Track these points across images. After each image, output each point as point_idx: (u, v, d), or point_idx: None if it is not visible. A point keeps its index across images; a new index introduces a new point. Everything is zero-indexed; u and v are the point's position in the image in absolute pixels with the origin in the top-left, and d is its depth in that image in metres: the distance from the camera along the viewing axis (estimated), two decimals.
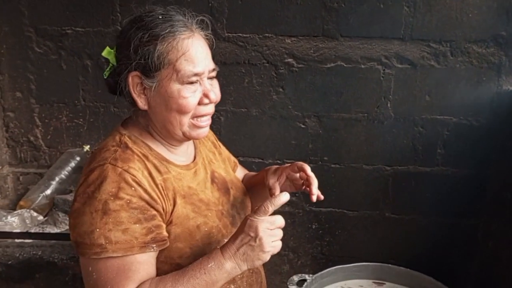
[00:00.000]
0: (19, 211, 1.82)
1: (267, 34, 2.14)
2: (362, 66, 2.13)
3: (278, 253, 2.43)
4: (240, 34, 2.15)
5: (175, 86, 1.01)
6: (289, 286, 1.88)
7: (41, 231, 1.77)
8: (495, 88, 2.09)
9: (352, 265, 2.11)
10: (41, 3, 2.20)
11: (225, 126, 2.25)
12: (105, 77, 1.10)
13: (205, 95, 1.04)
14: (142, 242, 0.95)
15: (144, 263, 0.97)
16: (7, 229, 1.69)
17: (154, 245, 0.98)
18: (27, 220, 1.79)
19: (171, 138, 1.08)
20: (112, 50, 1.08)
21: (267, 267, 2.37)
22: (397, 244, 2.31)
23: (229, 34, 2.15)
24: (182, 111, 1.02)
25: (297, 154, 2.26)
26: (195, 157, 1.17)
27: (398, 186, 2.25)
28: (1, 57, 2.27)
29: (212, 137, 1.35)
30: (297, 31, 2.12)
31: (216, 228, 1.09)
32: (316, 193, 1.18)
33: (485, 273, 2.17)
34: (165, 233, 1.00)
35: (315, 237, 2.37)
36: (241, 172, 1.47)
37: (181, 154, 1.13)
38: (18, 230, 1.70)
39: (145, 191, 0.98)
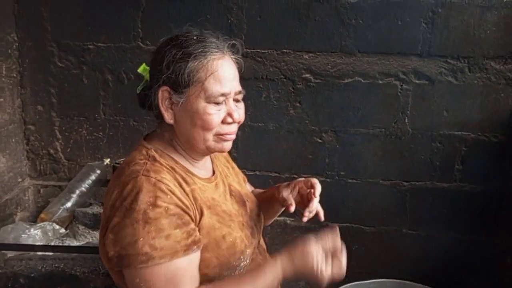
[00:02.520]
0: (42, 224, 1.84)
1: (285, 50, 2.16)
2: (380, 82, 2.15)
3: None
4: (259, 50, 2.18)
5: (202, 104, 1.04)
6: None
7: (61, 244, 1.80)
8: None
9: (369, 282, 2.12)
10: (64, 19, 2.25)
11: (243, 140, 2.27)
12: (138, 92, 1.14)
13: (229, 115, 1.08)
14: (184, 245, 0.98)
15: (188, 266, 0.99)
16: (30, 241, 1.71)
17: (195, 247, 1.00)
18: (49, 233, 1.81)
19: (194, 152, 1.12)
20: (147, 67, 1.12)
21: (283, 283, 2.38)
22: (414, 260, 2.30)
23: (248, 50, 2.17)
24: (205, 128, 1.05)
25: (313, 169, 2.27)
26: (214, 171, 1.21)
27: (416, 202, 2.25)
28: (24, 71, 2.32)
29: (225, 152, 1.38)
30: (314, 47, 2.15)
31: (240, 238, 1.12)
32: (307, 216, 1.21)
33: None
34: (200, 235, 1.03)
35: None
36: (249, 188, 1.48)
37: (202, 168, 1.16)
38: (40, 243, 1.72)
39: (179, 198, 1.01)
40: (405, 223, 2.28)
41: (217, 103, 1.06)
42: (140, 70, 1.13)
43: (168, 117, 1.07)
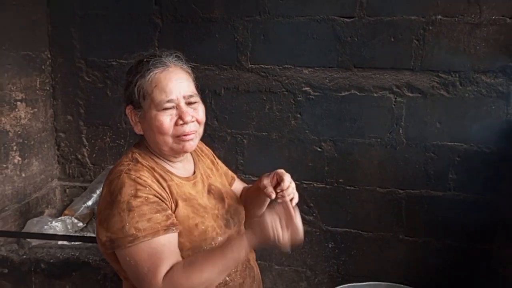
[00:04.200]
0: (63, 217, 2.09)
1: (286, 65, 2.34)
2: (375, 95, 2.28)
3: (296, 270, 2.59)
4: (262, 65, 2.36)
5: (153, 113, 1.20)
6: None
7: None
8: (505, 117, 2.17)
9: (364, 284, 2.22)
10: (91, 39, 2.52)
11: (248, 148, 2.45)
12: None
13: (180, 117, 1.21)
14: (164, 226, 1.14)
15: (168, 244, 1.15)
16: (51, 232, 1.95)
17: (174, 228, 1.17)
18: (68, 226, 2.04)
19: (164, 154, 1.28)
20: None
21: (286, 283, 2.52)
22: (410, 266, 2.38)
23: (252, 65, 2.37)
24: (161, 132, 1.21)
25: (313, 176, 2.42)
26: (194, 172, 1.37)
27: (411, 209, 2.34)
28: (56, 84, 2.61)
29: (211, 155, 1.56)
30: (313, 63, 2.31)
31: (212, 227, 1.27)
32: (280, 196, 1.29)
33: None
34: (177, 221, 1.19)
35: (331, 256, 2.49)
36: (239, 185, 1.64)
37: (181, 168, 1.33)
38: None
39: (156, 191, 1.18)
40: (401, 230, 2.37)
41: (167, 109, 1.20)
42: None
43: (137, 129, 1.27)
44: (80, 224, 2.10)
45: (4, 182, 2.27)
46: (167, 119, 1.20)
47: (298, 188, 2.56)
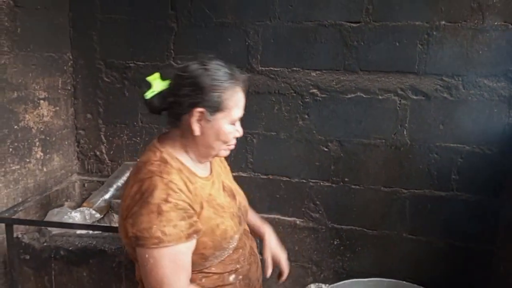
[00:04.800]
0: (81, 208, 2.22)
1: (295, 68, 2.43)
2: (380, 97, 2.36)
3: (303, 266, 2.68)
4: (272, 68, 2.47)
5: (226, 125, 1.31)
6: None
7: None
8: (506, 119, 2.23)
9: (367, 280, 2.29)
10: (110, 41, 2.66)
11: (257, 147, 2.55)
12: (146, 98, 1.35)
13: (237, 131, 1.36)
14: (187, 234, 1.21)
15: (187, 252, 1.23)
16: (70, 222, 2.08)
17: (195, 235, 1.24)
18: (87, 217, 2.17)
19: (205, 157, 1.37)
20: (156, 77, 1.38)
21: (292, 278, 2.61)
22: (413, 264, 2.44)
23: (262, 68, 2.47)
24: (225, 141, 1.33)
25: (320, 175, 2.50)
26: (211, 171, 1.46)
27: (415, 208, 2.42)
28: (77, 84, 2.75)
29: None
30: (321, 66, 2.40)
31: (230, 226, 1.36)
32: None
33: None
34: (200, 226, 1.26)
35: (337, 253, 2.57)
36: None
37: (203, 168, 1.41)
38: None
39: (186, 196, 1.24)
40: (405, 228, 2.44)
41: (233, 124, 1.34)
42: (150, 78, 1.35)
43: (197, 130, 1.29)
44: (98, 215, 2.23)
45: (27, 175, 2.40)
46: (233, 132, 1.34)
47: (305, 186, 2.68)
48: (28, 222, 2.11)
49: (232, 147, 1.38)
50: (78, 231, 2.04)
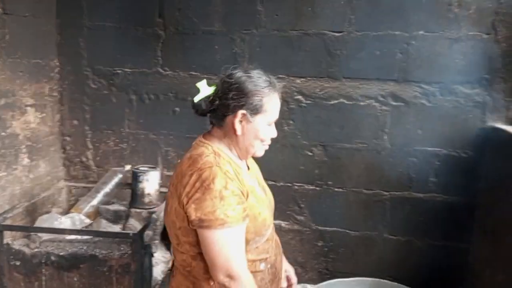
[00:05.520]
0: (71, 214, 2.23)
1: (280, 75, 2.51)
2: (361, 103, 2.46)
3: None
4: None
5: (264, 126, 1.46)
6: None
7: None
8: (481, 124, 2.36)
9: (350, 279, 2.39)
10: (97, 48, 2.69)
11: None
12: (195, 101, 1.48)
13: (273, 132, 1.51)
14: (243, 216, 1.36)
15: (243, 233, 1.38)
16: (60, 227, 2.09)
17: (247, 218, 1.39)
18: (76, 222, 2.19)
19: (245, 154, 1.51)
20: (206, 84, 1.49)
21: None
22: (394, 263, 2.55)
23: None
24: (261, 139, 1.47)
25: (305, 178, 2.59)
26: (248, 167, 1.60)
27: (395, 209, 2.53)
28: (63, 91, 2.76)
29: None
30: (305, 73, 2.50)
31: (267, 216, 1.51)
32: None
33: None
34: (249, 211, 1.41)
35: (320, 254, 2.65)
36: None
37: (243, 165, 1.56)
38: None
39: (239, 184, 1.39)
40: (386, 229, 2.55)
41: (271, 125, 1.48)
42: (199, 84, 1.49)
43: (239, 130, 1.44)
44: (88, 220, 2.25)
45: (13, 182, 2.41)
46: (270, 133, 1.49)
47: (290, 190, 2.75)
48: (21, 228, 2.13)
49: (267, 147, 1.53)
50: (68, 237, 2.06)
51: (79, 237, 2.07)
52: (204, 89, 1.49)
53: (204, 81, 1.49)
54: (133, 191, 2.41)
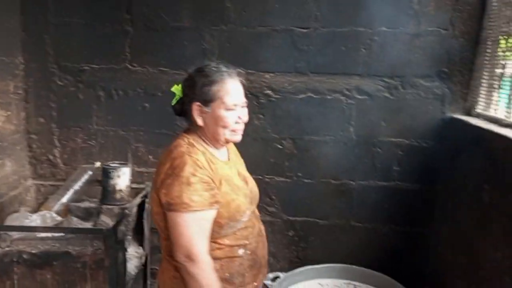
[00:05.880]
0: (42, 212, 2.20)
1: (250, 71, 2.56)
2: (328, 97, 2.55)
3: None
4: None
5: (222, 112, 1.52)
6: (264, 281, 2.24)
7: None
8: (440, 116, 2.50)
9: (320, 266, 2.47)
10: (63, 44, 2.64)
11: None
12: (172, 104, 1.60)
13: (239, 117, 1.56)
14: (209, 202, 1.44)
15: (209, 219, 1.46)
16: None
17: (216, 205, 1.47)
18: (48, 220, 2.16)
19: (217, 143, 1.59)
20: (178, 87, 1.58)
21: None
22: (361, 248, 2.67)
23: None
24: (225, 127, 1.53)
25: (275, 171, 2.66)
26: (229, 158, 1.68)
27: (361, 198, 2.64)
28: (28, 88, 2.70)
29: (235, 149, 1.83)
30: (274, 68, 2.56)
31: (242, 203, 1.56)
32: None
33: (436, 274, 2.50)
34: (220, 198, 1.49)
35: (291, 243, 2.73)
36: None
37: (221, 154, 1.63)
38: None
39: (209, 172, 1.47)
40: (353, 217, 2.66)
41: (231, 110, 1.53)
42: (173, 89, 1.59)
43: (200, 121, 1.54)
44: (59, 218, 2.22)
45: None
46: (231, 117, 1.53)
47: (261, 182, 2.82)
48: None
49: (239, 131, 1.58)
50: (40, 235, 2.03)
51: (50, 234, 2.05)
52: (177, 92, 1.59)
53: (178, 85, 1.58)
54: (104, 187, 2.39)
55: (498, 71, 2.19)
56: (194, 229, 1.43)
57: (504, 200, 1.69)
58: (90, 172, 2.56)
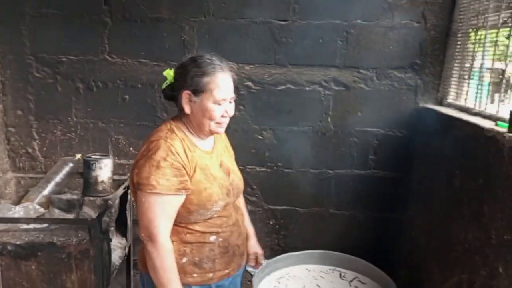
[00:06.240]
0: (25, 204, 2.20)
1: (229, 62, 2.56)
2: (307, 88, 2.62)
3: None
4: None
5: (210, 104, 1.56)
6: (247, 268, 2.30)
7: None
8: (413, 106, 2.60)
9: (300, 253, 2.54)
10: (41, 36, 2.62)
11: None
12: (162, 88, 1.65)
13: (225, 111, 1.61)
14: (176, 188, 1.50)
15: (174, 203, 1.52)
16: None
17: (183, 191, 1.52)
18: (31, 212, 2.16)
19: (201, 132, 1.63)
20: (171, 72, 1.63)
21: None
22: (339, 235, 2.76)
23: None
24: (211, 119, 1.58)
25: (256, 161, 2.71)
26: (213, 149, 1.71)
27: (339, 186, 2.72)
28: (5, 80, 2.66)
29: (226, 141, 1.90)
30: (253, 60, 2.61)
31: (216, 193, 1.61)
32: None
33: (411, 257, 2.62)
34: (190, 186, 1.54)
35: (272, 231, 2.80)
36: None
37: (204, 144, 1.67)
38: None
39: (181, 159, 1.52)
40: (331, 205, 2.75)
41: (219, 104, 1.57)
42: (165, 73, 1.64)
43: (187, 109, 1.58)
44: (42, 209, 2.22)
45: None
46: (218, 111, 1.57)
47: (243, 172, 2.88)
48: None
49: (223, 125, 1.63)
50: (23, 226, 2.03)
51: (34, 226, 2.05)
52: (168, 76, 1.63)
53: (170, 69, 1.62)
54: (86, 179, 2.40)
55: (468, 62, 2.30)
56: (158, 211, 1.48)
57: (473, 184, 1.79)
58: (71, 164, 2.56)
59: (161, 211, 1.50)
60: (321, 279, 2.37)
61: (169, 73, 1.63)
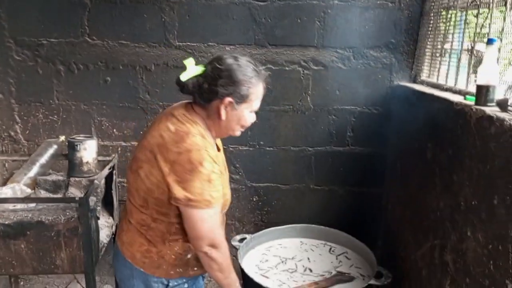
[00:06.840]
0: (12, 185, 2.22)
1: (210, 43, 2.64)
2: (286, 68, 2.69)
3: (227, 223, 2.98)
4: (189, 43, 2.65)
5: (247, 113, 1.55)
6: (232, 243, 2.39)
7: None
8: (388, 83, 2.70)
9: (283, 227, 2.64)
10: (20, 18, 2.61)
11: None
12: (183, 80, 1.51)
13: (253, 118, 1.60)
14: (222, 195, 1.52)
15: (220, 210, 1.54)
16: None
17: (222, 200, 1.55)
18: (18, 192, 2.19)
19: (222, 136, 1.62)
20: (195, 64, 1.52)
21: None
22: (320, 209, 2.87)
23: (180, 43, 2.65)
24: (243, 126, 1.58)
25: (239, 140, 2.76)
26: (219, 149, 1.67)
27: (319, 163, 2.82)
28: None
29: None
30: (234, 41, 2.65)
31: (229, 195, 1.67)
32: None
33: (388, 229, 2.75)
34: None
35: (256, 208, 2.90)
36: None
37: (214, 144, 1.62)
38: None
39: (219, 167, 1.52)
40: (312, 181, 2.85)
41: (254, 112, 1.58)
42: (186, 62, 1.52)
43: (223, 115, 1.51)
44: (28, 190, 2.25)
45: None
46: (252, 118, 1.59)
47: (225, 151, 2.94)
48: None
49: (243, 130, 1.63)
50: (11, 206, 2.07)
51: (21, 206, 2.08)
52: (192, 68, 1.51)
53: (191, 59, 1.52)
54: (71, 160, 2.42)
55: (440, 41, 2.40)
56: (213, 220, 1.49)
57: (444, 155, 1.90)
58: (55, 146, 2.57)
59: (216, 219, 1.51)
60: (311, 252, 2.49)
61: (191, 63, 1.52)
